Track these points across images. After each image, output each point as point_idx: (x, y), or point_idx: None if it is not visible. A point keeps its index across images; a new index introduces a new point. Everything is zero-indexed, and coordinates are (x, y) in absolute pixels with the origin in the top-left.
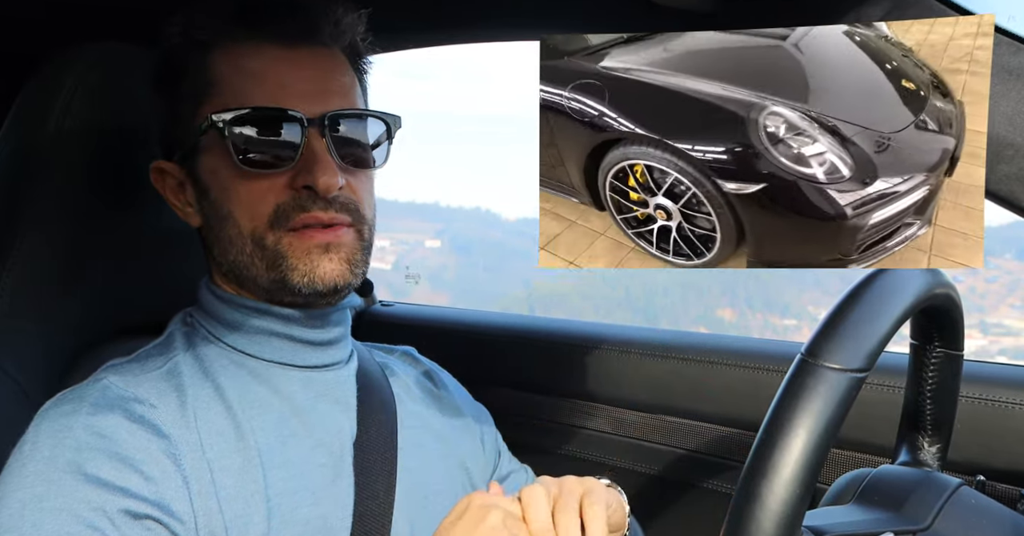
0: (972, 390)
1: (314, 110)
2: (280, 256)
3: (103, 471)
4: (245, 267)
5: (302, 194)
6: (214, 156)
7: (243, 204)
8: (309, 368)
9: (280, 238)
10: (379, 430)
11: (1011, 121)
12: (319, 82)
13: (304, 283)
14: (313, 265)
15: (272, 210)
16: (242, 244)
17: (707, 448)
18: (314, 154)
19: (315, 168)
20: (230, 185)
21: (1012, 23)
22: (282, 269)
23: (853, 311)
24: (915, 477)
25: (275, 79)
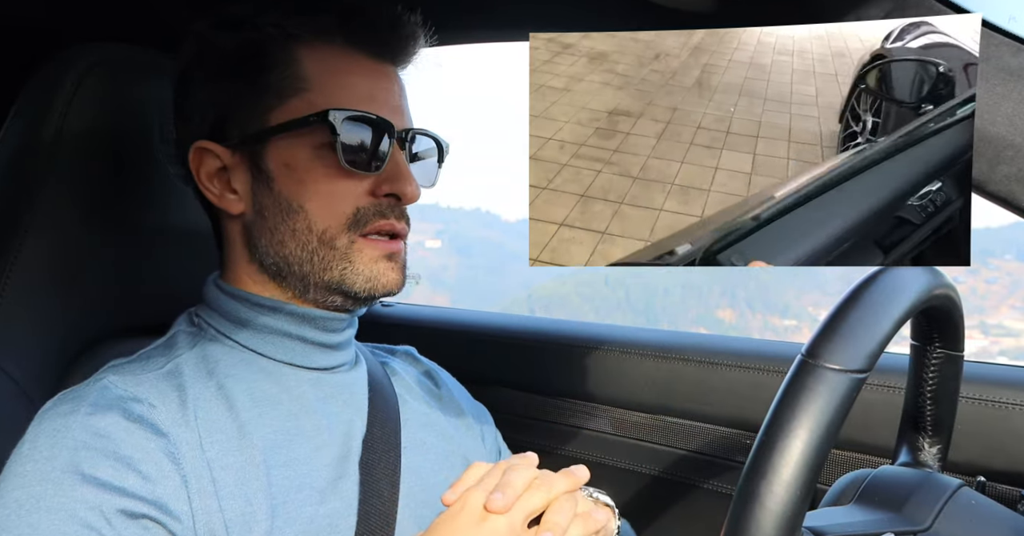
0: (972, 391)
1: (397, 124)
2: (347, 259)
3: (100, 471)
4: (299, 262)
5: (382, 201)
6: (295, 149)
7: (321, 201)
8: (319, 370)
9: (352, 242)
10: (383, 429)
11: (1011, 122)
12: (398, 99)
13: (364, 288)
14: (378, 272)
15: (352, 212)
16: (307, 240)
17: (707, 449)
18: (399, 165)
19: (402, 179)
20: (310, 180)
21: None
22: (345, 272)
23: (853, 312)
24: (915, 478)
25: (367, 90)
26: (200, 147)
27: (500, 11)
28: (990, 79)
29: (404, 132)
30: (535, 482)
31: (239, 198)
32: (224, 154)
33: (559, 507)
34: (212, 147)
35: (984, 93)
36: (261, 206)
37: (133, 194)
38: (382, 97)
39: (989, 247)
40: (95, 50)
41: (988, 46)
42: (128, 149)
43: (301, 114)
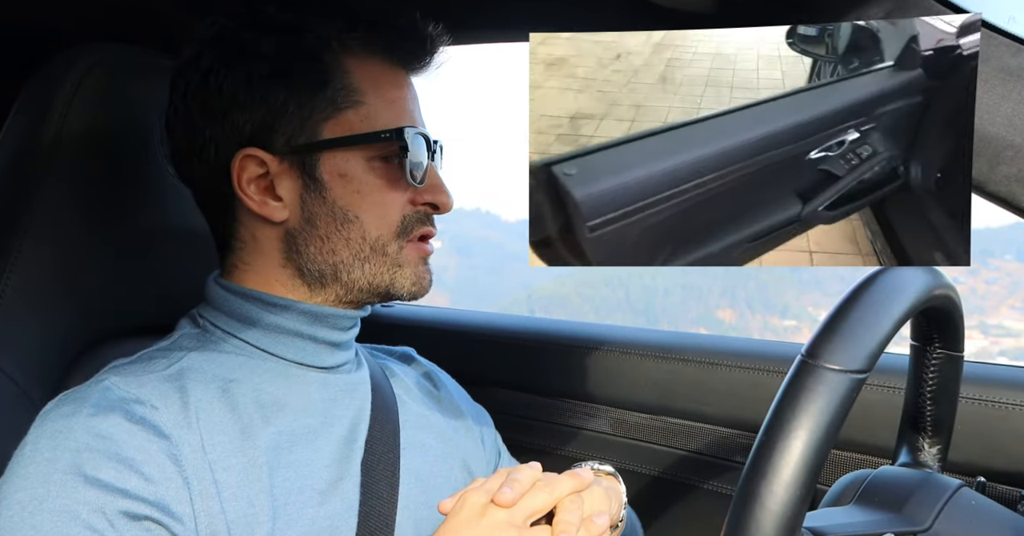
0: (972, 391)
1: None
2: (398, 264)
3: (103, 472)
4: (348, 269)
5: (422, 210)
6: (350, 160)
7: (376, 211)
8: (325, 369)
9: (401, 248)
10: (382, 430)
11: (1011, 122)
12: (421, 110)
13: (412, 290)
14: (421, 275)
15: (399, 221)
16: (360, 248)
17: (707, 449)
18: (435, 176)
19: (441, 189)
20: (368, 192)
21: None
22: (396, 276)
23: (853, 312)
24: (915, 478)
25: (406, 103)
26: (247, 154)
27: (500, 11)
28: (990, 79)
29: (434, 142)
30: (539, 483)
31: (283, 206)
32: (272, 162)
33: (568, 506)
34: (259, 154)
35: (984, 94)
36: (311, 215)
37: (133, 194)
38: (415, 110)
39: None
40: (95, 50)
41: (988, 46)
42: (128, 149)
43: (358, 127)
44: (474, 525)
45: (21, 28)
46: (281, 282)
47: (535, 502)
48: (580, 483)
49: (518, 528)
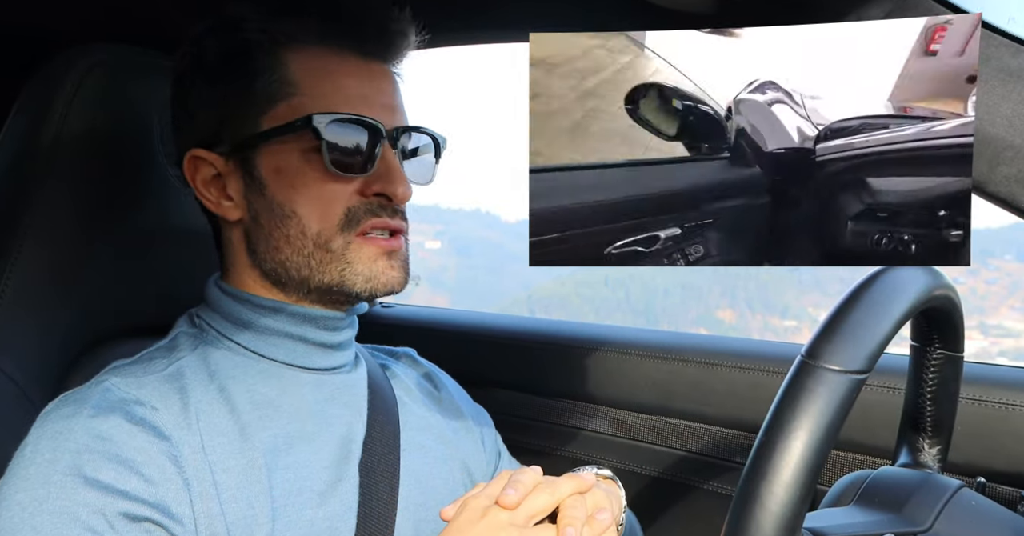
0: (972, 392)
1: (387, 122)
2: (345, 260)
3: (103, 474)
4: (297, 267)
5: (373, 201)
6: (285, 154)
7: (313, 205)
8: (319, 371)
9: (348, 242)
10: (382, 431)
11: (1011, 123)
12: (390, 97)
13: (365, 288)
14: (377, 271)
15: (343, 214)
16: (302, 244)
17: (707, 449)
18: (389, 165)
19: (393, 178)
20: (300, 185)
21: (1012, 25)
22: (344, 273)
23: (853, 313)
24: (915, 479)
25: (357, 90)
26: (194, 155)
27: (500, 11)
28: (989, 80)
29: (396, 130)
30: (541, 484)
31: (235, 205)
32: (217, 161)
33: (572, 503)
34: (205, 155)
35: (984, 94)
36: (256, 212)
37: (133, 195)
38: (373, 97)
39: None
40: (95, 51)
41: (988, 47)
42: (128, 150)
43: (288, 119)
44: (475, 526)
45: (21, 28)
46: (256, 283)
47: (538, 503)
48: (582, 484)
49: (520, 528)
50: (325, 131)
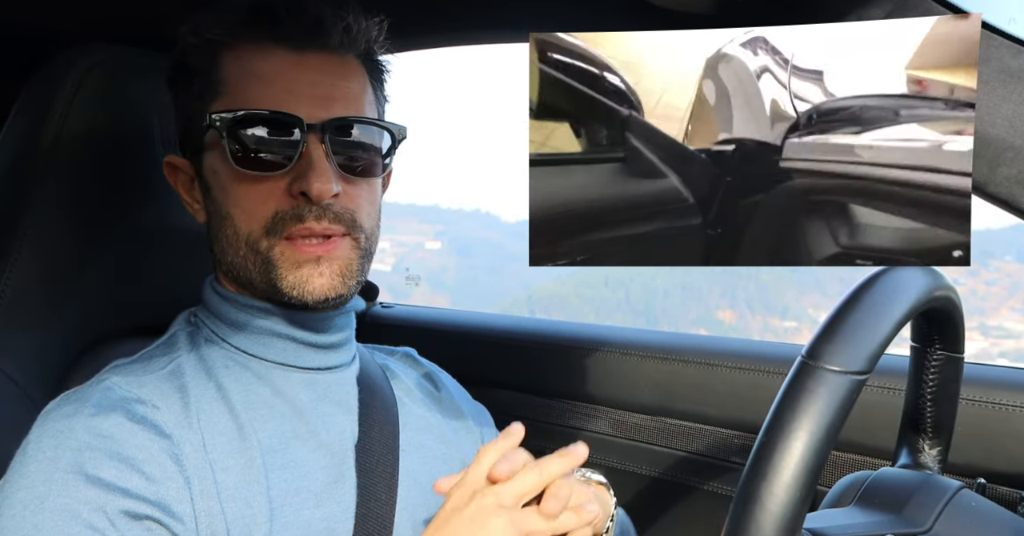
0: (973, 393)
1: (317, 115)
2: (272, 264)
3: (104, 472)
4: (241, 268)
5: (299, 201)
6: (215, 156)
7: (242, 207)
8: (311, 370)
9: (273, 245)
10: (381, 432)
11: (1011, 123)
12: (325, 88)
13: (294, 294)
14: (303, 278)
15: (271, 216)
16: (238, 246)
17: (707, 450)
18: (311, 160)
19: (310, 174)
20: (229, 186)
21: (1012, 26)
22: (273, 277)
23: (853, 313)
24: (915, 480)
25: (282, 83)
26: (168, 162)
27: (500, 12)
28: (990, 81)
29: (324, 123)
30: (529, 464)
31: (200, 208)
32: (186, 167)
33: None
34: (177, 161)
35: (984, 95)
36: (209, 215)
37: (133, 195)
38: (301, 89)
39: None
40: (95, 51)
41: (988, 48)
42: (128, 150)
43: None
44: (463, 513)
45: (21, 28)
46: (229, 283)
47: (526, 482)
48: (570, 463)
49: (508, 509)
50: (227, 130)
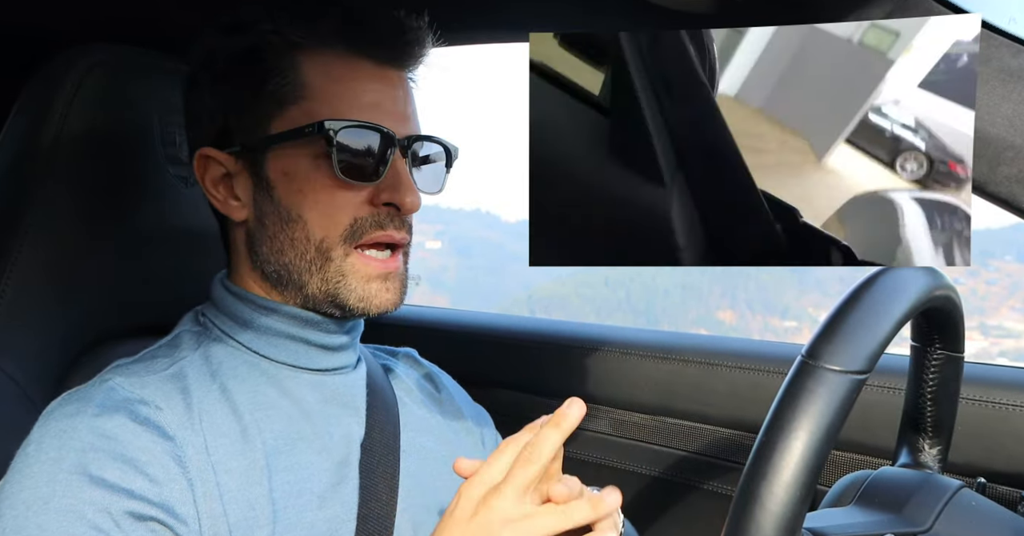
0: (973, 392)
1: (401, 131)
2: (341, 274)
3: (108, 472)
4: (298, 272)
5: (381, 211)
6: (294, 158)
7: (320, 211)
8: (319, 371)
9: (348, 254)
10: (382, 433)
11: (1011, 123)
12: (403, 105)
13: (359, 306)
14: (372, 292)
15: (350, 222)
16: (305, 249)
17: (707, 450)
18: (399, 174)
19: (402, 187)
20: (309, 190)
21: (1012, 25)
22: (339, 287)
23: (853, 313)
24: (915, 479)
25: (370, 97)
26: (204, 154)
27: (500, 11)
28: (990, 80)
29: (407, 139)
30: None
31: (242, 205)
32: (227, 161)
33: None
34: (215, 154)
35: (984, 94)
36: (262, 214)
37: (133, 194)
38: (386, 104)
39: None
40: (95, 51)
41: (988, 47)
42: (128, 150)
43: (300, 123)
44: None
45: (21, 28)
46: (256, 284)
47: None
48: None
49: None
50: (337, 137)
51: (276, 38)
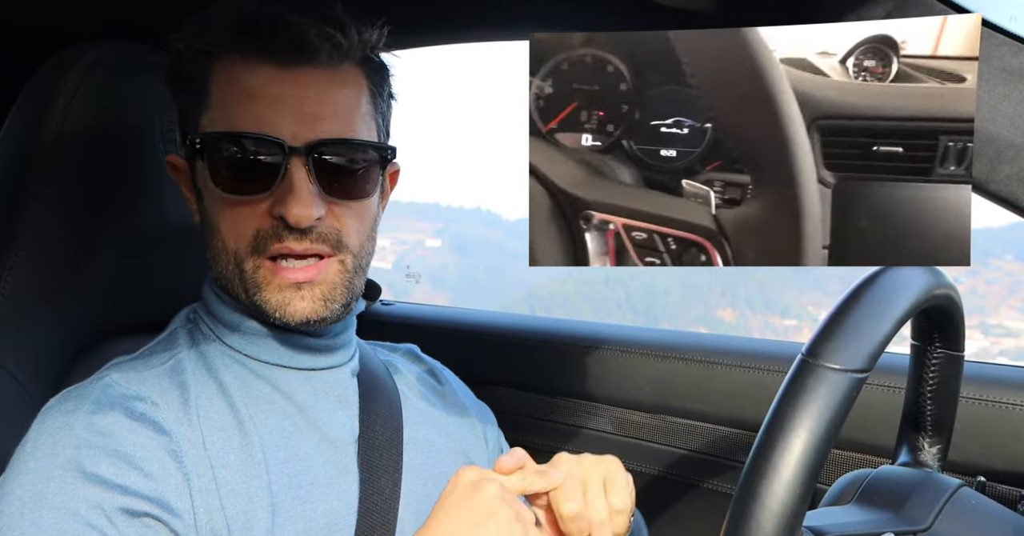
0: (973, 391)
1: (302, 135)
2: (255, 285)
3: (102, 469)
4: (228, 281)
5: (278, 223)
6: (204, 169)
7: (227, 223)
8: (311, 371)
9: (258, 266)
10: (384, 427)
11: (1012, 122)
12: (311, 104)
13: (277, 316)
14: (285, 302)
15: (253, 234)
16: (226, 260)
17: (708, 448)
18: (291, 183)
19: (288, 199)
20: (220, 201)
21: (1013, 24)
22: (256, 298)
23: (854, 312)
24: (915, 478)
25: (267, 100)
26: (169, 161)
27: (501, 10)
28: (991, 79)
29: (309, 145)
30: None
31: (196, 209)
32: (184, 167)
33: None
34: (176, 161)
35: (985, 93)
36: (201, 221)
37: (133, 193)
38: (288, 108)
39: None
40: (95, 49)
41: (989, 46)
42: (128, 147)
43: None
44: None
45: (21, 28)
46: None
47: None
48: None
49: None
50: (210, 151)
51: (186, 47)
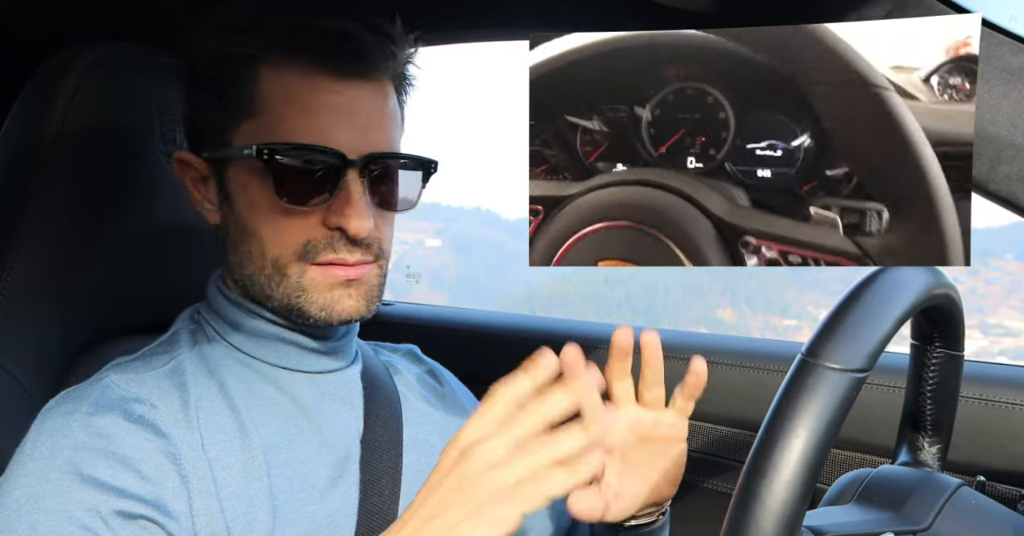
0: (972, 390)
1: (356, 147)
2: (301, 289)
3: (99, 471)
4: (260, 286)
5: (333, 234)
6: (249, 175)
7: (272, 230)
8: (316, 373)
9: (304, 271)
10: (384, 428)
11: (1012, 122)
12: (363, 116)
13: (321, 316)
14: (333, 300)
15: (302, 244)
16: (262, 265)
17: (707, 448)
18: (350, 196)
19: (348, 212)
20: (260, 206)
21: (1013, 24)
22: (300, 300)
23: (854, 311)
24: (915, 477)
25: (325, 113)
26: (180, 158)
27: (501, 10)
28: (991, 79)
29: (366, 157)
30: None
31: (215, 209)
32: (201, 166)
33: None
34: (190, 159)
35: (985, 93)
36: (226, 222)
37: (134, 192)
38: (344, 119)
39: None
40: (95, 48)
41: (989, 46)
42: (129, 147)
43: (253, 139)
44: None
45: (21, 28)
46: (235, 286)
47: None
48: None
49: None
50: (276, 160)
51: (237, 49)
